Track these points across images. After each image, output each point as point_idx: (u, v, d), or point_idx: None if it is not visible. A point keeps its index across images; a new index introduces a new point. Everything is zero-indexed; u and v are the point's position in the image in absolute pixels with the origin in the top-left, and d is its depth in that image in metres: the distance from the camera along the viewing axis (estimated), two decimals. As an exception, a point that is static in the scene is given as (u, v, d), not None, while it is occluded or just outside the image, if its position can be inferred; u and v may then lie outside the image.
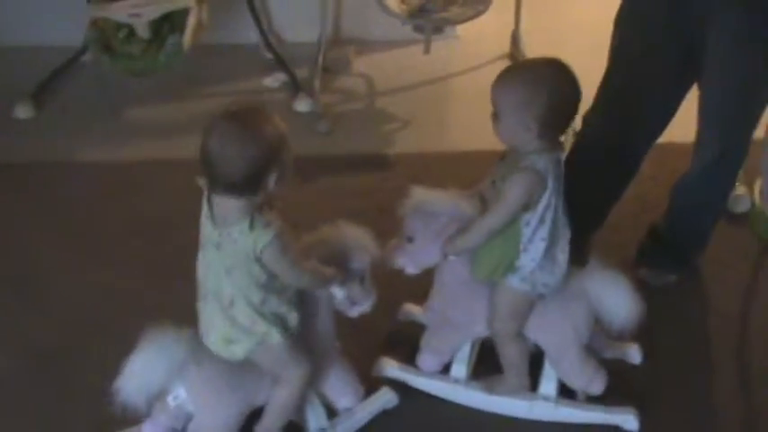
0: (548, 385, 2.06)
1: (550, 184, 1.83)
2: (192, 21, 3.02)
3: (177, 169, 1.94)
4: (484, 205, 1.94)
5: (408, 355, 2.16)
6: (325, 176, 2.88)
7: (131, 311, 2.26)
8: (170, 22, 3.03)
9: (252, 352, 1.81)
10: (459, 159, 2.93)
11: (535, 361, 2.07)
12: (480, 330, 2.05)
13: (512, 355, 2.03)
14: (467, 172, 2.00)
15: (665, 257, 2.49)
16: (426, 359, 2.12)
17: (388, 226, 2.02)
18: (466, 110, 3.20)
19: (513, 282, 1.93)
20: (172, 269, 2.09)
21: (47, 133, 3.08)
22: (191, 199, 1.80)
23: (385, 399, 2.08)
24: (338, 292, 1.89)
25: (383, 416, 2.07)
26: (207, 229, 1.74)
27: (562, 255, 1.93)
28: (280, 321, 1.80)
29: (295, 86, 3.29)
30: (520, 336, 2.01)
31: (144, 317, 1.80)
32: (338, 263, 1.89)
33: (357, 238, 1.93)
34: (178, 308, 1.87)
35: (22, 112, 3.15)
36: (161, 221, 2.64)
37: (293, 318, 1.83)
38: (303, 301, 1.87)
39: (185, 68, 3.19)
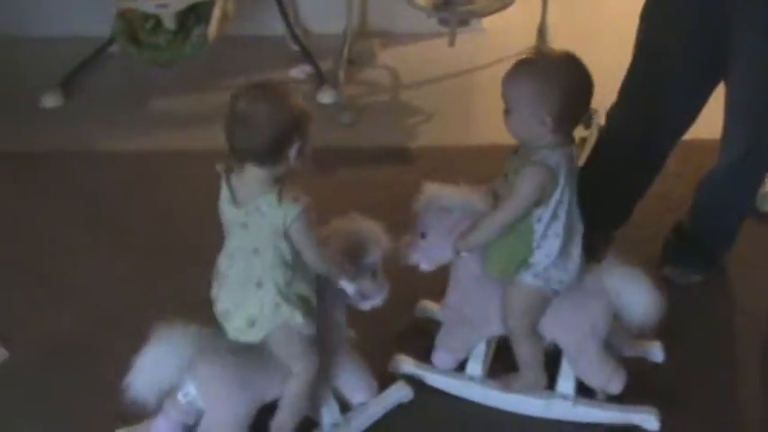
0: (565, 383, 2.03)
1: (562, 179, 1.80)
2: (217, 12, 3.02)
3: (199, 160, 1.95)
4: (497, 201, 1.92)
5: (424, 352, 2.14)
6: (346, 168, 2.87)
7: (149, 303, 2.26)
8: (196, 14, 3.04)
9: (271, 335, 1.80)
10: (482, 153, 2.89)
11: (553, 359, 2.04)
12: (496, 328, 2.02)
13: (527, 353, 2.00)
14: (490, 166, 1.97)
15: (691, 256, 2.45)
16: (441, 356, 2.10)
17: (406, 220, 2.01)
18: (491, 104, 3.08)
19: (527, 279, 1.90)
20: (191, 260, 2.08)
21: (72, 123, 3.10)
22: (211, 190, 1.80)
23: (399, 394, 2.06)
24: (348, 287, 1.87)
25: (397, 411, 2.05)
26: (230, 213, 1.75)
27: (576, 250, 1.90)
28: (303, 304, 1.79)
29: (320, 78, 3.28)
30: (535, 333, 1.98)
31: (161, 309, 1.81)
32: (350, 256, 1.88)
33: (370, 232, 1.92)
34: (195, 300, 1.87)
35: (50, 101, 3.18)
36: (182, 212, 2.64)
37: (314, 301, 1.82)
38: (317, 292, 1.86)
39: (211, 60, 3.20)
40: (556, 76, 1.76)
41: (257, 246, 1.74)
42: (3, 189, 2.78)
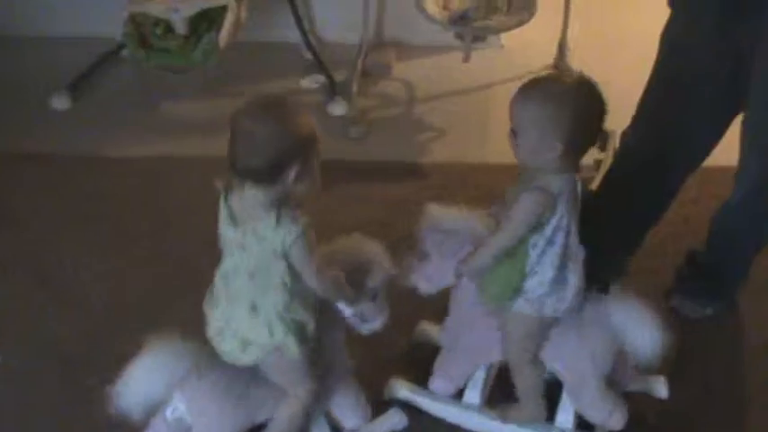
0: (564, 416, 1.97)
1: (561, 206, 1.73)
2: (229, 18, 2.97)
3: (208, 167, 1.90)
4: (498, 225, 1.86)
5: (421, 377, 2.09)
6: (354, 183, 2.80)
7: (152, 310, 2.24)
8: (208, 20, 2.99)
9: (265, 359, 1.75)
10: (495, 171, 2.83)
11: (552, 390, 1.98)
12: (495, 356, 1.97)
13: (526, 383, 1.94)
14: (503, 185, 1.91)
15: (704, 288, 2.37)
16: (439, 383, 2.04)
17: (410, 239, 1.95)
18: (506, 121, 3.08)
19: (519, 305, 1.83)
20: (198, 266, 2.04)
21: (80, 126, 3.06)
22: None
23: (393, 421, 2.01)
24: (346, 310, 1.82)
25: (391, 438, 2.00)
26: (228, 232, 1.70)
27: (573, 277, 1.83)
28: (299, 330, 1.74)
29: (332, 89, 3.22)
30: (536, 362, 1.92)
31: (161, 319, 1.79)
32: (352, 278, 1.82)
33: (373, 254, 1.86)
34: (198, 312, 1.81)
35: (59, 103, 3.14)
36: (189, 220, 2.59)
37: (311, 327, 1.76)
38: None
39: (223, 66, 3.15)
40: (568, 102, 1.69)
41: (254, 269, 1.68)
42: (8, 189, 2.75)
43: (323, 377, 1.84)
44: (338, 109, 3.13)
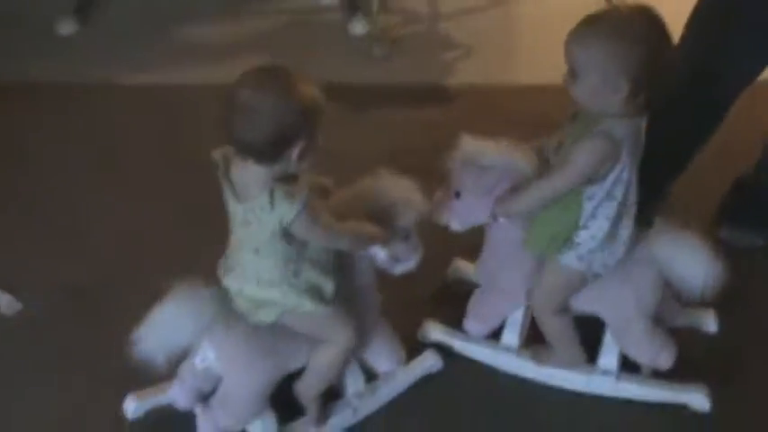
0: (608, 358, 1.87)
1: (625, 156, 1.59)
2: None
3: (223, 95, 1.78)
4: (542, 163, 1.73)
5: (456, 317, 1.98)
6: (379, 108, 2.68)
7: (164, 253, 2.14)
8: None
9: (282, 318, 1.65)
10: (525, 93, 2.70)
11: (594, 329, 1.87)
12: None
13: (555, 330, 1.84)
14: (533, 107, 1.80)
15: (752, 216, 2.24)
16: (473, 324, 1.94)
17: (436, 166, 1.82)
18: (534, 37, 2.96)
19: (568, 259, 1.72)
20: (207, 206, 1.93)
21: (88, 52, 2.94)
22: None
23: (428, 363, 1.92)
24: (380, 253, 1.71)
25: (425, 381, 1.90)
26: (233, 206, 1.58)
27: (626, 231, 1.71)
28: (315, 292, 1.64)
29: (352, 6, 3.05)
30: (562, 311, 1.81)
31: (175, 261, 1.75)
32: (381, 219, 1.70)
33: (402, 192, 1.74)
34: (209, 251, 1.71)
35: (65, 28, 3.01)
36: (201, 154, 2.46)
37: (329, 287, 1.66)
38: (341, 260, 1.70)
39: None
40: (633, 36, 1.53)
41: (257, 245, 1.58)
42: (16, 122, 2.63)
43: (355, 323, 1.74)
44: (359, 27, 2.98)
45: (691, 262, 1.74)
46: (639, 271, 1.76)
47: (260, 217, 1.53)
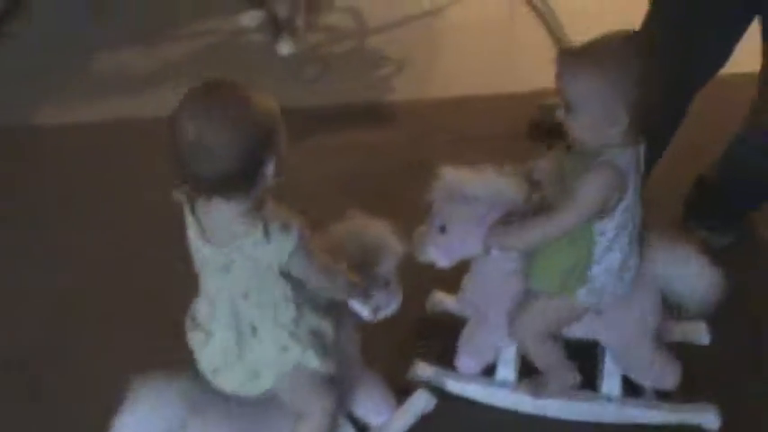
0: (610, 383, 1.79)
1: (630, 185, 1.51)
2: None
3: (147, 128, 1.58)
4: (532, 187, 1.63)
5: (441, 352, 1.87)
6: (318, 132, 2.52)
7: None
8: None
9: (280, 383, 1.49)
10: (462, 105, 2.61)
11: (590, 353, 1.80)
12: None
13: (545, 359, 1.75)
14: (472, 119, 1.66)
15: (714, 214, 2.20)
16: (466, 361, 1.83)
17: (393, 192, 1.71)
18: (467, 45, 2.86)
19: (581, 295, 1.62)
20: (143, 234, 1.76)
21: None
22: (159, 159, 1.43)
23: (421, 404, 1.79)
24: (363, 309, 1.58)
25: (421, 422, 1.78)
26: (203, 251, 1.39)
27: (635, 261, 1.62)
28: (317, 341, 1.49)
29: (276, 26, 2.90)
30: (551, 339, 1.72)
31: (118, 294, 1.67)
32: (358, 267, 1.57)
33: (377, 238, 1.61)
34: (149, 276, 1.69)
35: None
36: (130, 185, 2.32)
37: (330, 333, 1.52)
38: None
39: (153, 8, 2.80)
40: (627, 64, 1.44)
41: (246, 289, 1.41)
42: None
43: (339, 381, 1.59)
44: (286, 48, 2.83)
45: (693, 278, 1.68)
46: (640, 292, 1.68)
47: (252, 255, 1.35)
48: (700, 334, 1.93)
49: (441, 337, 1.90)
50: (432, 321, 1.98)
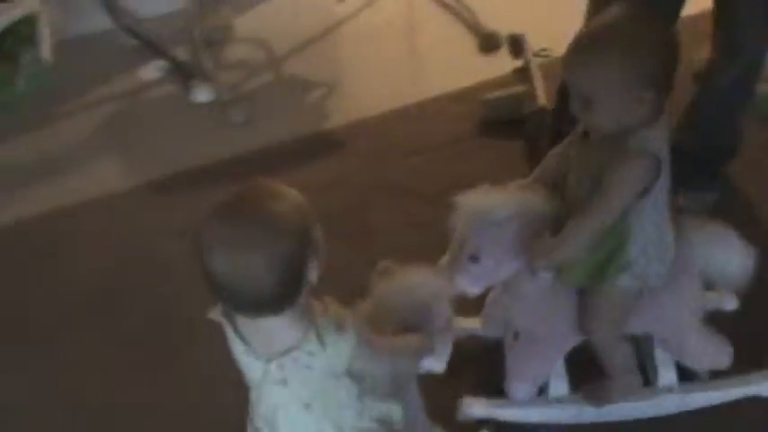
0: (667, 374, 1.75)
1: (665, 162, 1.46)
2: (45, 29, 2.38)
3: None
4: (556, 192, 1.57)
5: (479, 379, 1.80)
6: (266, 177, 2.36)
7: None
8: (16, 38, 2.38)
9: None
10: (406, 116, 2.52)
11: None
12: (577, 339, 1.70)
13: (618, 358, 1.69)
14: (422, 129, 1.57)
15: (693, 175, 2.18)
16: (519, 386, 1.74)
17: (372, 221, 1.73)
18: (384, 54, 2.77)
19: (624, 281, 1.56)
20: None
21: None
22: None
23: None
24: (432, 364, 1.48)
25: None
26: (254, 367, 1.29)
27: (670, 236, 1.58)
28: (385, 425, 1.39)
29: (182, 72, 2.71)
30: (623, 336, 1.68)
31: None
32: (414, 326, 1.48)
33: (424, 285, 1.52)
34: None
35: None
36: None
37: (398, 411, 1.41)
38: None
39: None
40: (639, 39, 1.39)
41: (308, 400, 1.30)
42: None
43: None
44: (204, 94, 2.64)
45: (730, 256, 1.65)
46: (683, 277, 1.64)
47: (310, 364, 1.25)
48: (727, 300, 1.89)
49: (472, 367, 1.81)
50: (457, 349, 1.86)
